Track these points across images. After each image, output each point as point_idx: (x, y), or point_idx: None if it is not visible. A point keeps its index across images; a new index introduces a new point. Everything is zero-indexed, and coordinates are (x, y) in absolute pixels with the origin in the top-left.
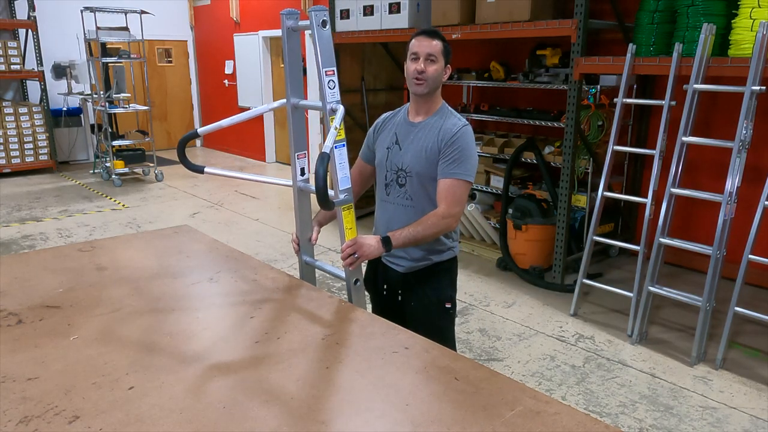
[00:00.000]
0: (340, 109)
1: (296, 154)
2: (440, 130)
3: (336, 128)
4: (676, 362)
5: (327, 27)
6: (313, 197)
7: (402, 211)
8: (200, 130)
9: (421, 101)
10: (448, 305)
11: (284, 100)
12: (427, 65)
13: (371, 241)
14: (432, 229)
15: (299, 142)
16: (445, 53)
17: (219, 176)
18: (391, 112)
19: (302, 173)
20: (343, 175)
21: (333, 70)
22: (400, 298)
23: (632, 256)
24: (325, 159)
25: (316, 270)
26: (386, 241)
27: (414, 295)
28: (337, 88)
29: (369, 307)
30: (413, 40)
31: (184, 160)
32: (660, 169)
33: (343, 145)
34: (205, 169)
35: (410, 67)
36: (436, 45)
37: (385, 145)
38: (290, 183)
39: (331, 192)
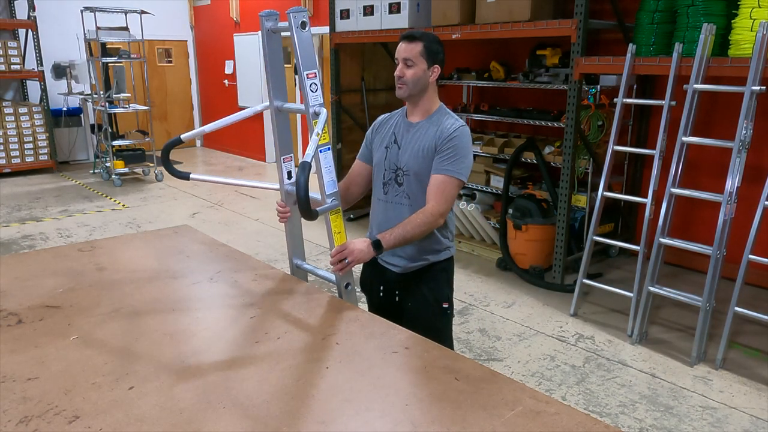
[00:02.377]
0: (323, 113)
1: (282, 158)
2: (437, 129)
3: (318, 134)
4: (676, 362)
5: (307, 28)
6: None
7: (400, 209)
8: (183, 136)
9: (414, 103)
10: (445, 305)
11: (267, 103)
12: (404, 70)
13: (361, 246)
14: (420, 228)
15: (285, 145)
16: (427, 54)
17: (205, 182)
18: (389, 113)
19: (289, 176)
20: (329, 179)
21: (315, 73)
22: (397, 299)
23: (632, 256)
24: (306, 168)
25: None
26: (377, 245)
27: (411, 296)
28: (319, 91)
29: (363, 308)
30: (398, 45)
31: (168, 167)
32: (660, 169)
33: (328, 149)
34: (191, 176)
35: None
36: (413, 48)
37: (383, 145)
38: (277, 187)
39: (318, 197)
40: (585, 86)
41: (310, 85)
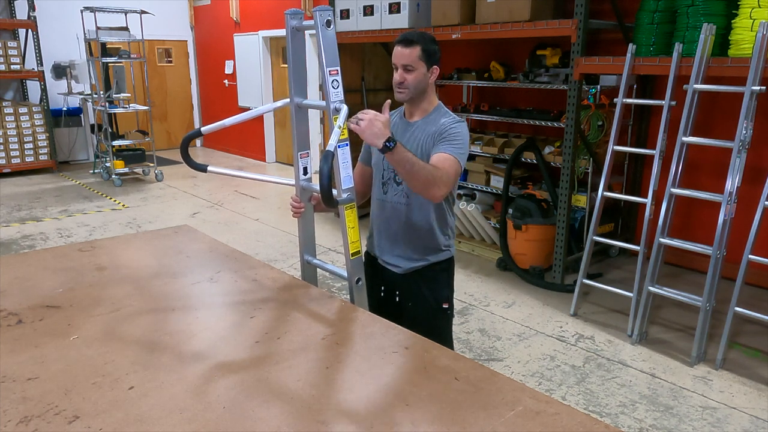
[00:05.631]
0: (344, 109)
1: (299, 153)
2: (436, 126)
3: (339, 127)
4: (676, 362)
5: (331, 27)
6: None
7: (399, 208)
8: (203, 129)
9: (414, 103)
10: (445, 306)
11: (287, 100)
12: (404, 75)
13: (378, 126)
14: (425, 172)
15: (302, 141)
16: (426, 57)
17: (221, 175)
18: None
19: (305, 172)
20: (345, 175)
21: (337, 70)
22: (397, 299)
23: (632, 256)
24: (329, 157)
25: (318, 270)
26: (390, 142)
27: (411, 296)
28: (340, 88)
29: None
30: (393, 49)
31: (187, 159)
32: (660, 169)
33: (347, 145)
34: (209, 168)
35: (393, 76)
36: (412, 53)
37: None
38: (293, 182)
39: (333, 191)
40: (585, 86)
41: (332, 81)
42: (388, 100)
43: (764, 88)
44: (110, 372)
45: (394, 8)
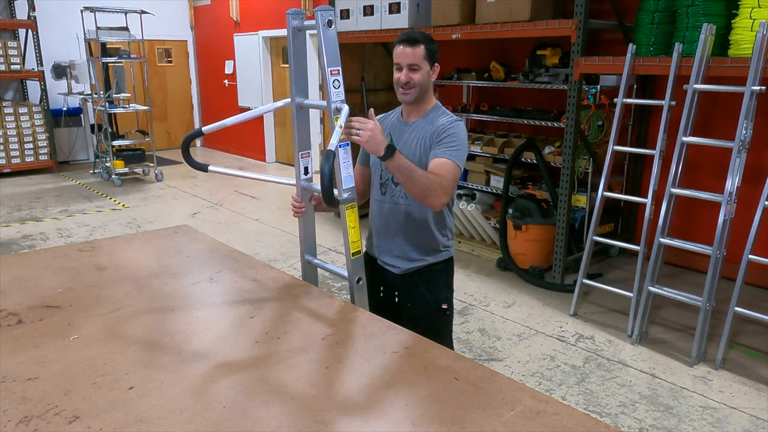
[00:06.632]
0: (345, 109)
1: (300, 153)
2: (433, 126)
3: (341, 127)
4: (676, 362)
5: (333, 27)
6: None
7: (397, 209)
8: (205, 128)
9: (415, 104)
10: (444, 306)
11: (288, 100)
12: (410, 74)
13: (380, 136)
14: (425, 181)
15: (303, 141)
16: (429, 56)
17: (221, 175)
18: (384, 114)
19: (306, 172)
20: (346, 174)
21: (338, 70)
22: (396, 299)
23: (632, 256)
24: (330, 157)
25: (318, 269)
26: (390, 149)
27: (410, 297)
28: (342, 88)
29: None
30: (395, 49)
31: (188, 158)
32: (660, 169)
33: (347, 145)
34: (209, 168)
35: (396, 76)
36: (417, 52)
37: None
38: (293, 182)
39: (334, 190)
40: (585, 86)
41: (333, 81)
42: (372, 108)
43: (764, 88)
44: (110, 372)
45: (394, 8)
